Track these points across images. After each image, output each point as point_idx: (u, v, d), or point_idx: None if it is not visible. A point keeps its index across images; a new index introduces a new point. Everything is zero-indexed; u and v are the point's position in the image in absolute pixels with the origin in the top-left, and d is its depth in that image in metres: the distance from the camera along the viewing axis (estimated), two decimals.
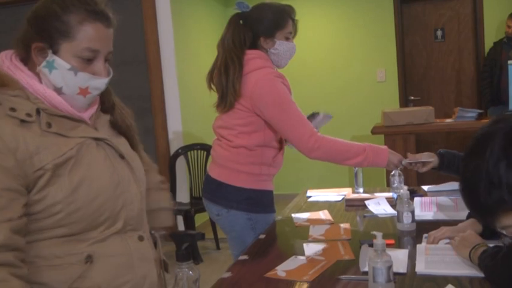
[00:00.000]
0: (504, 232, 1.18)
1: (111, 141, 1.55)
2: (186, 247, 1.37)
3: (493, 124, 1.17)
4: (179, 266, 1.38)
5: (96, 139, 1.51)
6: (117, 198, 1.50)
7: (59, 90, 1.45)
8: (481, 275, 1.75)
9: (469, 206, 1.21)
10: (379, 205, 2.72)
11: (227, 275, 1.99)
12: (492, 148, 1.11)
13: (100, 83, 1.50)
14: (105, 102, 1.64)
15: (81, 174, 1.43)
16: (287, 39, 2.55)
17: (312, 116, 2.80)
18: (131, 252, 1.52)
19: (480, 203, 1.14)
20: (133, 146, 1.68)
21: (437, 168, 2.61)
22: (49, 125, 1.41)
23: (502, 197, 1.09)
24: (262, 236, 2.42)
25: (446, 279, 1.75)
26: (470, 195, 1.18)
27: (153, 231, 1.71)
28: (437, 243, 1.80)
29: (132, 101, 2.07)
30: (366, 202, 2.79)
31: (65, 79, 1.44)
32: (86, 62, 1.45)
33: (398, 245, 2.17)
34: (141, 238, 1.57)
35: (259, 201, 2.52)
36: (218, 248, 5.37)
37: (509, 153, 1.09)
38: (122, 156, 1.57)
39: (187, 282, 1.35)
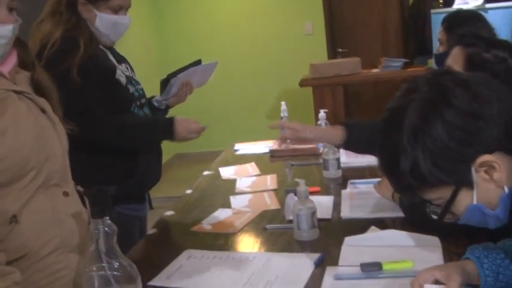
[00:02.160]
0: (431, 202, 1.16)
1: (32, 95, 1.52)
2: (100, 203, 1.31)
3: (405, 95, 1.11)
4: (95, 224, 1.32)
5: (17, 92, 1.47)
6: (40, 149, 1.46)
7: None
8: (402, 215, 1.77)
9: (391, 183, 1.18)
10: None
11: (152, 231, 1.95)
12: (406, 125, 1.07)
13: (4, 30, 1.44)
14: (24, 60, 1.59)
15: (6, 123, 1.39)
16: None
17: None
18: (57, 208, 1.49)
19: (401, 181, 1.11)
20: (53, 109, 1.61)
21: (341, 145, 2.01)
22: None
23: (423, 174, 1.06)
24: (188, 191, 2.38)
25: (370, 221, 1.77)
26: (390, 175, 1.15)
27: (78, 187, 1.64)
28: None
29: None
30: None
31: None
32: None
33: (324, 192, 2.17)
34: (66, 194, 1.53)
35: None
36: (151, 207, 5.30)
37: (424, 130, 1.04)
38: (43, 111, 1.53)
39: (104, 239, 1.30)
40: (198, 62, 2.45)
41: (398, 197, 1.76)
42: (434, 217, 1.16)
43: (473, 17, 2.82)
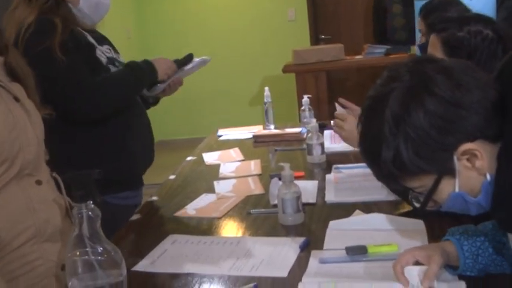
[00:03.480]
0: (413, 190, 1.16)
1: (5, 83, 1.47)
2: (83, 187, 1.29)
3: (386, 83, 1.10)
4: (78, 208, 1.30)
5: None
6: (13, 141, 1.42)
7: None
8: (386, 198, 1.78)
9: (372, 173, 1.18)
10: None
11: (136, 217, 1.93)
12: (387, 114, 1.06)
13: None
14: None
15: None
16: None
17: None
18: (30, 196, 1.45)
19: (383, 170, 1.10)
20: (29, 95, 1.57)
21: None
22: None
23: (405, 163, 1.06)
24: (172, 177, 2.36)
25: (355, 205, 1.77)
26: (372, 164, 1.14)
27: (54, 174, 1.62)
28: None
29: None
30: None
31: None
32: None
33: (309, 177, 2.16)
34: (38, 182, 1.49)
35: None
36: None
37: (406, 119, 1.03)
38: (16, 99, 1.48)
39: (87, 223, 1.28)
40: (189, 57, 2.37)
41: None
42: (417, 205, 1.16)
43: (445, 3, 2.83)
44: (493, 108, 1.04)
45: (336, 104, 2.24)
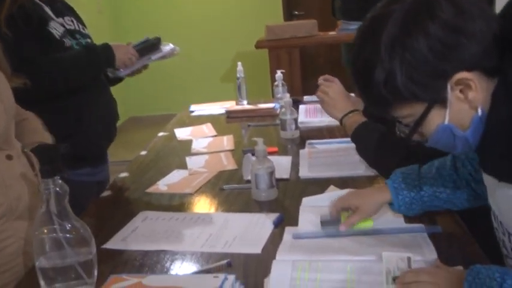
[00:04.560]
0: (400, 121, 1.13)
1: None
2: (50, 162, 1.24)
3: (388, 5, 1.08)
4: (45, 184, 1.25)
5: None
6: None
7: None
8: (362, 173, 1.77)
9: (362, 96, 1.15)
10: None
11: (106, 193, 1.90)
12: (385, 35, 1.03)
13: None
14: None
15: None
16: None
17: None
18: (1, 172, 1.41)
19: (374, 94, 1.07)
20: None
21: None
22: None
23: (398, 87, 1.03)
24: (143, 153, 2.32)
25: (329, 180, 1.76)
26: (364, 86, 1.10)
27: (25, 149, 1.57)
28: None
29: None
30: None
31: None
32: None
33: (282, 152, 2.14)
34: (9, 157, 1.45)
35: None
36: None
37: (404, 41, 1.01)
38: None
39: (55, 199, 1.24)
40: (156, 42, 2.33)
41: (352, 126, 1.77)
42: (403, 136, 1.14)
43: None
44: (494, 41, 1.01)
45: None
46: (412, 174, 1.38)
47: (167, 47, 2.37)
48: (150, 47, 2.31)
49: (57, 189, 1.22)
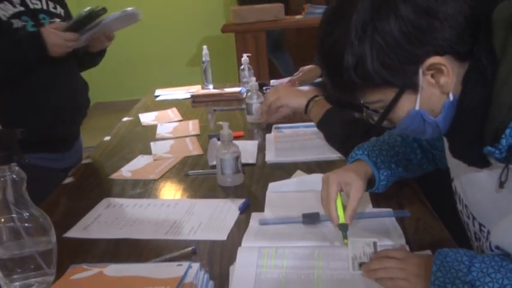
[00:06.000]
0: (368, 106, 1.10)
1: None
2: (6, 147, 1.20)
3: None
4: (1, 171, 1.21)
5: None
6: None
7: None
8: (327, 158, 1.75)
9: (329, 81, 1.10)
10: None
11: (68, 180, 1.85)
12: (355, 17, 0.98)
13: None
14: None
15: None
16: None
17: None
18: None
19: (343, 78, 1.02)
20: None
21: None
22: None
23: (368, 72, 0.99)
24: (107, 138, 2.27)
25: (296, 165, 1.74)
26: (333, 71, 1.06)
27: None
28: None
29: None
30: None
31: None
32: None
33: (249, 137, 2.12)
34: None
35: None
36: None
37: (375, 23, 0.96)
38: None
39: (12, 187, 1.19)
40: (93, 12, 2.06)
41: (320, 112, 1.76)
42: (372, 121, 1.11)
43: None
44: (466, 24, 0.98)
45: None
46: (383, 146, 1.41)
47: (123, 12, 2.13)
48: (84, 19, 2.05)
49: (14, 176, 1.17)
